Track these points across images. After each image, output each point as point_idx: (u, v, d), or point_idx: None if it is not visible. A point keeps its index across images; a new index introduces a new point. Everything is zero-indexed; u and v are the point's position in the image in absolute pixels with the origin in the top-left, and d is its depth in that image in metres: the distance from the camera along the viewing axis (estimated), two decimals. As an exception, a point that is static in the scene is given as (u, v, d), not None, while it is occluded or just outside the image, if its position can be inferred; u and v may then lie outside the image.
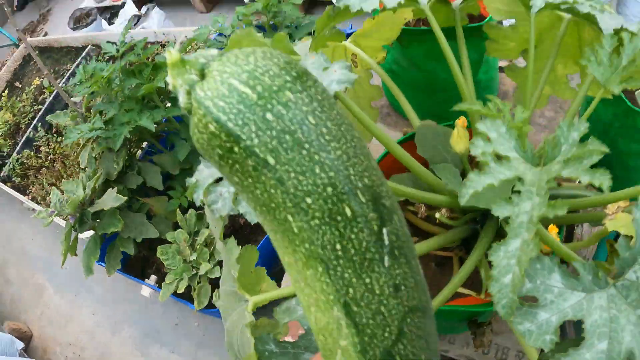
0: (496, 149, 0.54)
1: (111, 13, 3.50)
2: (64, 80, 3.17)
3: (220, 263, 1.35)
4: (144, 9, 3.34)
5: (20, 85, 3.67)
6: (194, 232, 1.37)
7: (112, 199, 1.33)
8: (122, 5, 3.41)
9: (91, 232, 1.64)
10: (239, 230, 1.69)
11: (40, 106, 3.24)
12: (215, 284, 1.41)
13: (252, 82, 0.27)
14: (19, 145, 2.95)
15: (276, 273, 0.99)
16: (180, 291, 1.30)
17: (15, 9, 6.08)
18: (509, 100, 1.45)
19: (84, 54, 3.22)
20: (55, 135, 2.86)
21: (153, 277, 1.58)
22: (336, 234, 0.27)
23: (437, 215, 0.77)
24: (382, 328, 0.27)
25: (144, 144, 1.69)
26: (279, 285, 0.75)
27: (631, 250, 0.47)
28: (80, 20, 3.92)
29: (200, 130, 0.28)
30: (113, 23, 3.38)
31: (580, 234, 1.25)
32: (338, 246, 0.27)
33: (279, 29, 1.42)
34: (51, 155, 2.74)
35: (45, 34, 5.04)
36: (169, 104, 1.47)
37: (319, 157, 0.27)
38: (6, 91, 3.60)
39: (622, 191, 0.63)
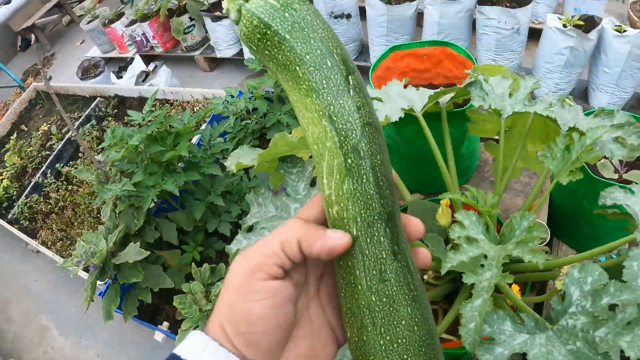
0: (468, 234, 0.72)
1: (119, 67, 3.68)
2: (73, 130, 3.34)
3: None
4: (151, 66, 3.53)
5: (26, 129, 3.81)
6: (208, 284, 1.52)
7: (134, 252, 1.49)
8: (130, 61, 3.60)
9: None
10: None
11: (47, 152, 3.38)
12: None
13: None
14: (27, 189, 3.06)
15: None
16: (196, 337, 1.43)
17: (19, 49, 6.19)
18: (488, 167, 1.64)
19: (93, 105, 3.38)
20: (64, 183, 3.00)
21: (166, 324, 1.72)
22: (322, 75, 0.46)
23: (425, 277, 0.95)
24: (351, 131, 0.45)
25: (157, 200, 1.85)
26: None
27: (562, 305, 0.66)
28: (88, 70, 4.08)
29: (247, 26, 0.49)
30: (121, 77, 3.55)
31: (552, 285, 1.42)
32: (324, 81, 0.46)
33: (285, 102, 1.61)
34: (61, 202, 2.87)
35: (50, 78, 5.18)
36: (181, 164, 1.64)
37: (313, 35, 0.47)
38: (15, 134, 3.72)
39: (567, 257, 0.85)
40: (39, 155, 3.40)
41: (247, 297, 0.41)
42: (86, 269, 1.96)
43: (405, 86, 1.05)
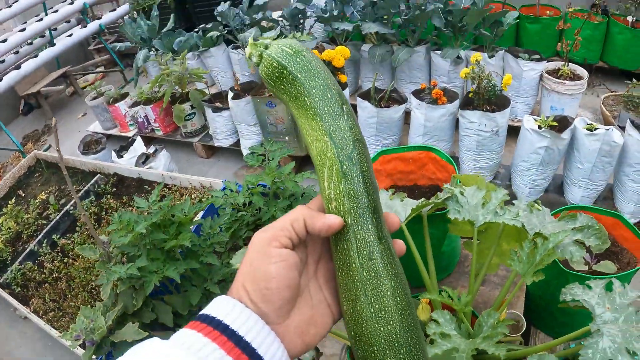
0: (442, 330, 0.84)
1: (121, 146, 3.82)
2: (72, 202, 3.41)
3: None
4: (151, 149, 3.67)
5: (23, 194, 3.86)
6: (201, 365, 1.58)
7: (133, 332, 1.57)
8: (132, 142, 3.75)
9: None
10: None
11: (44, 221, 3.42)
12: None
13: (290, 48, 0.61)
14: (22, 256, 3.09)
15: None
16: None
17: (20, 112, 6.29)
18: (468, 262, 1.76)
19: (92, 181, 3.47)
20: (59, 254, 3.03)
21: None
22: (324, 103, 0.59)
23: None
24: (346, 145, 0.57)
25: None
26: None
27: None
28: (89, 145, 4.20)
29: (267, 67, 0.61)
30: (122, 156, 3.69)
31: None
32: (325, 108, 0.59)
33: (280, 198, 1.74)
34: (55, 273, 2.90)
35: (50, 147, 5.27)
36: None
37: (317, 75, 0.60)
38: (13, 199, 3.75)
39: (529, 348, 0.96)
40: (35, 223, 3.44)
41: (265, 260, 0.52)
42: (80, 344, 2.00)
43: (394, 192, 1.20)
